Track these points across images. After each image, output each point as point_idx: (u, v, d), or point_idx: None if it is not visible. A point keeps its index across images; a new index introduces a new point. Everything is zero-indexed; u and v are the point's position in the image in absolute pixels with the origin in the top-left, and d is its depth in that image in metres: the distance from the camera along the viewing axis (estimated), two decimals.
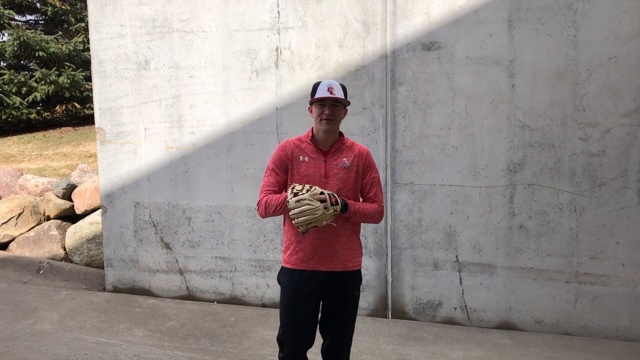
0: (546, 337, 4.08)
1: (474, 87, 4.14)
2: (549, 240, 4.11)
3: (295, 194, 2.51)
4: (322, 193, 2.51)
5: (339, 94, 2.65)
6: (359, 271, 2.81)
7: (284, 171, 2.73)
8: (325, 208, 2.48)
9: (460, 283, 4.31)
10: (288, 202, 2.51)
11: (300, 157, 2.71)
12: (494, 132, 4.14)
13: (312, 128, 2.76)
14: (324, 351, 2.83)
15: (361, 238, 4.41)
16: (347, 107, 2.79)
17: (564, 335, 4.11)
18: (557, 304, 4.14)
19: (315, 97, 2.67)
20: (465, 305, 4.31)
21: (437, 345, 3.97)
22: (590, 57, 3.92)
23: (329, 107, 2.65)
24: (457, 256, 4.29)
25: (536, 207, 4.11)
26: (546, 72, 4.01)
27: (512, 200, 4.15)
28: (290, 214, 2.50)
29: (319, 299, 2.74)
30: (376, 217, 2.76)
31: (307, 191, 2.51)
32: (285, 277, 2.76)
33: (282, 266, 2.80)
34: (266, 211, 2.67)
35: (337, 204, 2.53)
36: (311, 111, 2.74)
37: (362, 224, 2.93)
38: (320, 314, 2.81)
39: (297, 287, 2.70)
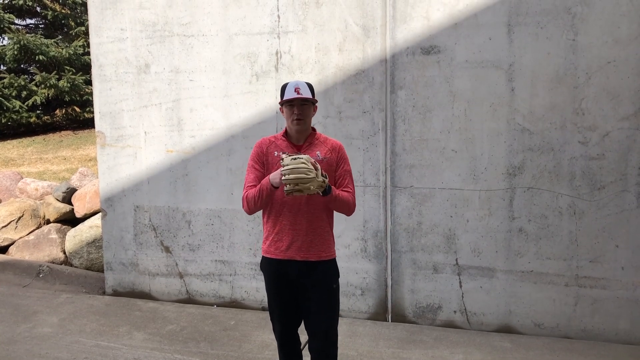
0: (546, 341, 4.08)
1: (473, 91, 4.15)
2: (549, 243, 4.11)
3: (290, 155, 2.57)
4: (314, 163, 2.58)
5: (305, 93, 2.76)
6: (334, 261, 2.90)
7: (262, 166, 2.84)
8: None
9: (460, 286, 4.31)
10: (282, 159, 2.56)
11: (275, 152, 2.82)
12: (494, 136, 4.15)
13: (286, 127, 2.86)
14: (313, 350, 2.85)
15: (361, 242, 4.48)
16: (317, 105, 2.89)
17: (564, 339, 4.11)
18: (556, 307, 4.14)
19: (284, 99, 2.78)
20: (465, 309, 4.32)
21: (437, 349, 3.97)
22: (589, 61, 3.94)
23: (298, 107, 2.76)
24: (456, 259, 4.29)
25: (536, 210, 4.11)
26: (545, 76, 4.02)
27: (512, 204, 4.15)
28: (282, 169, 2.52)
29: (298, 288, 2.84)
30: (351, 206, 2.85)
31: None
32: (265, 265, 2.90)
33: (262, 256, 2.92)
34: (251, 201, 2.75)
35: (325, 177, 2.61)
36: (283, 112, 2.84)
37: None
38: (302, 313, 2.90)
39: (277, 275, 2.85)
